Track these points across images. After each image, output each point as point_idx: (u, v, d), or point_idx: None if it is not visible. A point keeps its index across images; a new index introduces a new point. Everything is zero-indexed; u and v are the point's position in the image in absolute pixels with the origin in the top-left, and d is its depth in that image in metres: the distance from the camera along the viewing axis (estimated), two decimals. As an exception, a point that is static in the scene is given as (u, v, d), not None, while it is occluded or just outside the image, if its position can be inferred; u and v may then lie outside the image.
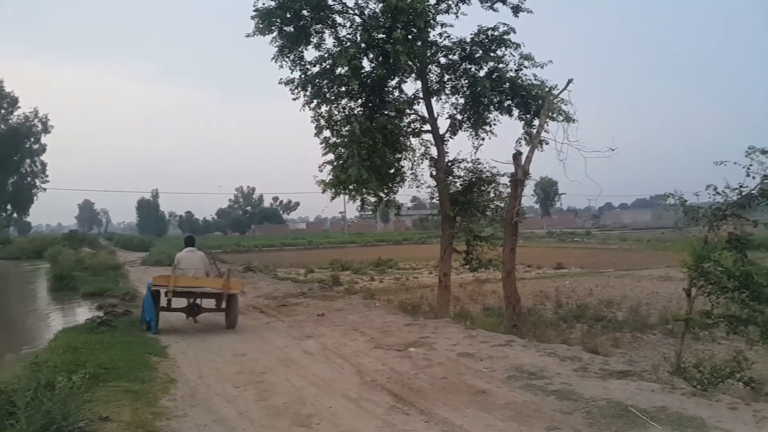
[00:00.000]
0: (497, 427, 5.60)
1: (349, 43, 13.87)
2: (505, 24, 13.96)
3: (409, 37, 13.17)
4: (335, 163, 14.38)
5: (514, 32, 13.92)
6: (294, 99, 14.73)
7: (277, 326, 12.10)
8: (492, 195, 15.40)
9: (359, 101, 15.05)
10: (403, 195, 53.42)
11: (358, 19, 14.39)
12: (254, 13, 13.97)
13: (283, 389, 7.16)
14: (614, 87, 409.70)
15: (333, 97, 14.75)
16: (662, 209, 9.72)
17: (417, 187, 16.30)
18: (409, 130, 15.71)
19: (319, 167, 14.73)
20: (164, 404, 6.59)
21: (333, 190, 14.35)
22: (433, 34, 14.42)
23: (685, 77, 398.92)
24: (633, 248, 50.41)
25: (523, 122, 14.83)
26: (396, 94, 15.42)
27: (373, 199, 15.98)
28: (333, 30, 14.75)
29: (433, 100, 15.44)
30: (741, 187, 8.33)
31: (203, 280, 11.88)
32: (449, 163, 15.60)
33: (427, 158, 15.95)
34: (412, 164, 15.98)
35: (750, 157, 8.15)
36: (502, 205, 14.42)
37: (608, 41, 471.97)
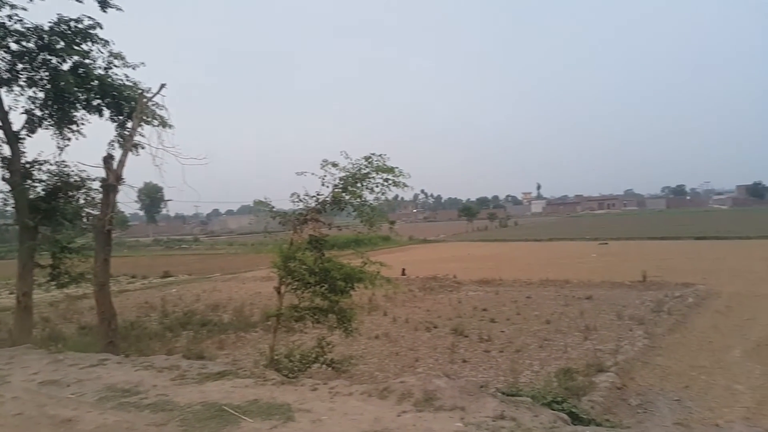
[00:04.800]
0: (83, 457, 5.08)
1: None
2: (90, 18, 12.80)
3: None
4: None
5: (101, 27, 12.89)
6: None
7: None
8: (82, 201, 13.92)
9: None
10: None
11: None
12: None
13: None
14: (222, 101, 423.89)
15: None
16: (263, 214, 10.48)
17: (-17, 192, 13.62)
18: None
19: None
20: None
21: None
22: (1, 15, 12.27)
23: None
24: (239, 252, 52.96)
25: (116, 124, 13.83)
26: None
27: None
28: None
29: (3, 91, 13.10)
30: (318, 195, 9.57)
31: None
32: (27, 165, 13.45)
33: (-3, 159, 13.49)
34: (-25, 165, 13.31)
35: (324, 169, 9.44)
36: (96, 212, 13.22)
37: (218, 57, 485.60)
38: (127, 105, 13.28)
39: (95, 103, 13.55)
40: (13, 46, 12.79)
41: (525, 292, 22.17)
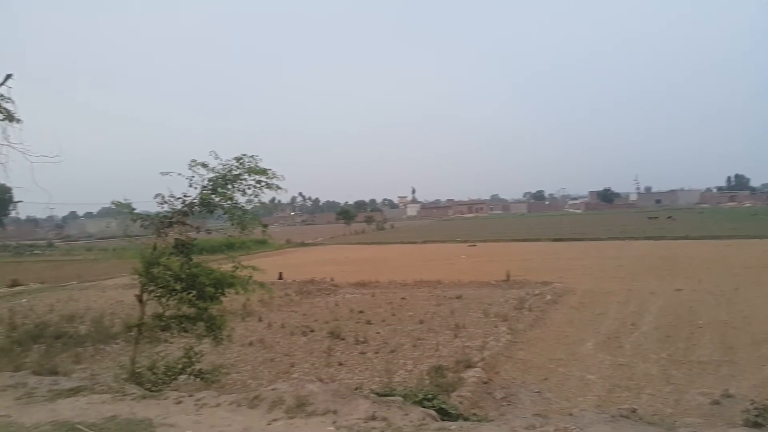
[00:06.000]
0: None
1: None
2: None
3: None
4: None
5: None
6: None
7: None
8: None
9: None
10: None
11: None
12: None
13: None
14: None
15: None
16: (123, 217, 9.72)
17: None
18: None
19: None
20: None
21: None
22: None
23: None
24: (99, 258, 49.36)
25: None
26: None
27: None
28: None
29: None
30: (185, 196, 9.07)
31: None
32: None
33: None
34: None
35: (193, 169, 8.96)
36: None
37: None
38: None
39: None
40: None
41: (400, 293, 22.66)
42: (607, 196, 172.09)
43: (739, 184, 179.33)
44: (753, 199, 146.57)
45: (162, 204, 9.03)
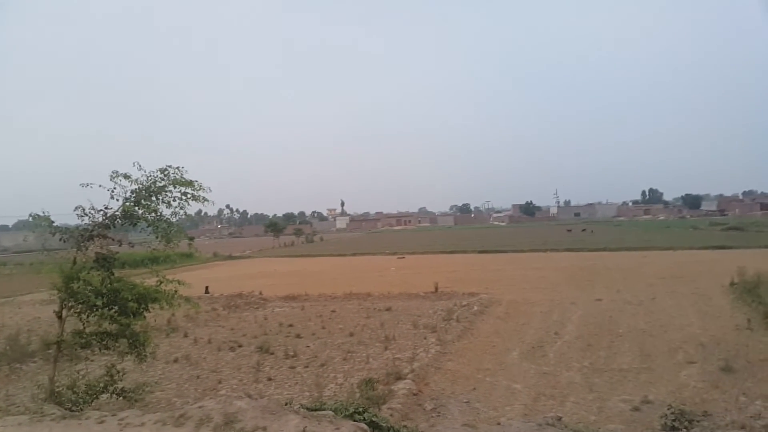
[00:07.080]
0: None
1: None
2: None
3: None
4: None
5: None
6: None
7: None
8: None
9: None
10: None
11: None
12: None
13: None
14: None
15: None
16: (41, 230, 9.20)
17: None
18: None
19: None
20: None
21: None
22: None
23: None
24: (14, 273, 46.43)
25: None
26: None
27: None
28: None
29: None
30: (106, 208, 8.72)
31: None
32: None
33: None
34: None
35: (114, 180, 8.63)
36: None
37: None
38: None
39: None
40: None
41: (330, 306, 22.56)
42: (529, 210, 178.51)
43: (653, 198, 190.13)
44: (666, 212, 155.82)
45: (82, 216, 8.66)
